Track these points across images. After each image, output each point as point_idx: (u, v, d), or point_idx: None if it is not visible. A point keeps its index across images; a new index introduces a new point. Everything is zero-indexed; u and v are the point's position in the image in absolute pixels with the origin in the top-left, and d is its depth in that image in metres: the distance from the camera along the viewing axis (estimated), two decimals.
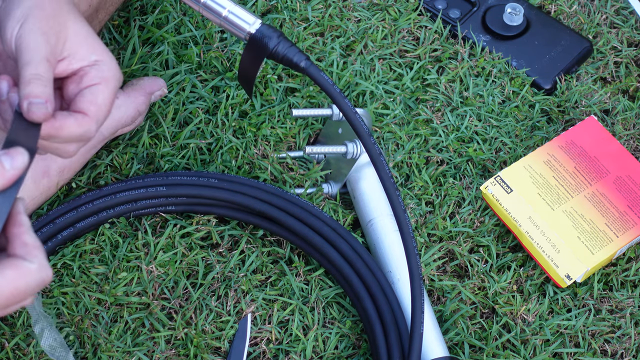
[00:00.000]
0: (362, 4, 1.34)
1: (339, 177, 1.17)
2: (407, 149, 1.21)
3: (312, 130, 1.22)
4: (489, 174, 1.21)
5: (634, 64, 1.31)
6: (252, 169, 1.17)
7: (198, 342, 1.06)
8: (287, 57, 0.93)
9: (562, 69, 1.28)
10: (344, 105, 0.93)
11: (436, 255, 1.14)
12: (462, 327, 1.09)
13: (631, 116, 1.25)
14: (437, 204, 1.17)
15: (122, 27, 1.26)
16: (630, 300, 1.12)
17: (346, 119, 0.94)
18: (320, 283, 1.12)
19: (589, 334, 1.10)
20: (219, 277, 1.11)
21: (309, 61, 0.93)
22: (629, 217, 1.14)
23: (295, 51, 0.93)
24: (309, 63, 0.93)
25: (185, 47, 1.26)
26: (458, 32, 1.31)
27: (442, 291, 1.12)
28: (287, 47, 0.93)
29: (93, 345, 1.06)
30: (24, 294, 0.68)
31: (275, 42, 0.93)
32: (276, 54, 0.93)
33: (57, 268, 1.10)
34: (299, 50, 0.93)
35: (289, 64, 0.93)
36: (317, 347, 1.08)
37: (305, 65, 0.93)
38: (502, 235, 1.16)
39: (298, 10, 1.31)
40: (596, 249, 1.12)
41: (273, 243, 1.14)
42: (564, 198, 1.15)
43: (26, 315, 1.07)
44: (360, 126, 0.93)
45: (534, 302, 1.11)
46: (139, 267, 1.10)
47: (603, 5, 1.35)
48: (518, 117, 1.25)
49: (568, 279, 1.11)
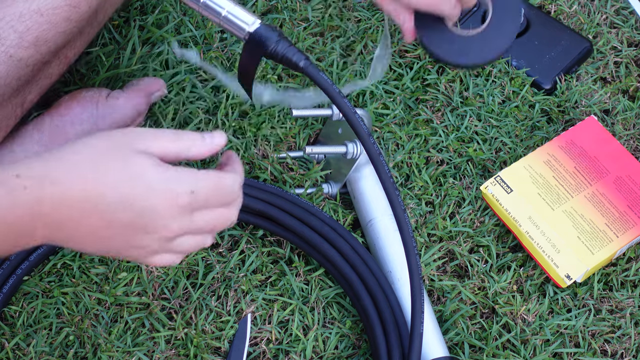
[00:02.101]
0: (362, 4, 1.34)
1: (339, 177, 1.17)
2: (407, 149, 1.21)
3: (312, 130, 1.22)
4: (489, 174, 1.21)
5: (634, 64, 1.31)
6: (252, 169, 1.17)
7: (198, 342, 1.06)
8: (286, 57, 0.93)
9: (562, 69, 1.28)
10: (343, 106, 0.93)
11: (436, 255, 1.14)
12: (462, 327, 1.09)
13: (631, 116, 1.25)
14: (437, 204, 1.17)
15: (122, 27, 1.26)
16: (630, 300, 1.12)
17: (345, 119, 0.94)
18: (320, 283, 1.12)
19: (589, 334, 1.10)
20: (219, 277, 1.11)
21: (308, 61, 0.93)
22: (629, 217, 1.14)
23: (294, 51, 0.93)
24: (307, 63, 0.93)
25: (185, 47, 1.26)
26: None
27: (442, 291, 1.12)
28: (286, 46, 0.93)
29: (93, 345, 1.06)
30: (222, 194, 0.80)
31: (274, 41, 0.93)
32: (275, 53, 0.93)
33: (57, 268, 1.10)
34: (298, 50, 0.93)
35: (288, 64, 0.93)
36: (317, 347, 1.08)
37: (304, 65, 0.93)
38: (502, 235, 1.16)
39: (298, 10, 1.31)
40: (596, 249, 1.12)
41: (273, 243, 1.14)
42: (564, 198, 1.15)
43: (26, 315, 1.07)
44: (359, 126, 0.93)
45: (534, 302, 1.11)
46: (139, 267, 1.10)
47: (603, 5, 1.35)
48: (518, 117, 1.25)
49: (568, 279, 1.11)
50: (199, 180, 0.78)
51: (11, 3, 1.02)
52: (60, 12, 1.03)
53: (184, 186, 0.77)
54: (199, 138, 0.80)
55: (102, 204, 0.76)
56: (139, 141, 0.77)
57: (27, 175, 0.74)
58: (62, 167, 0.76)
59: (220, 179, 0.80)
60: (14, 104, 1.06)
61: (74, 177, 0.75)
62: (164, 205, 0.77)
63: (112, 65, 1.23)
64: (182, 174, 0.77)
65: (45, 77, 1.08)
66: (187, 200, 0.77)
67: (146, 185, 0.76)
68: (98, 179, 0.75)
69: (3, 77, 1.01)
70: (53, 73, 1.08)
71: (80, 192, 0.75)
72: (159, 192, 0.76)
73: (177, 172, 0.77)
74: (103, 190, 0.76)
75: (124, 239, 0.78)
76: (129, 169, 0.76)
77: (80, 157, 0.76)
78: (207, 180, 0.79)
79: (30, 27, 1.02)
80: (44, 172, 0.75)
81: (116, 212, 0.76)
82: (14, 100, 1.05)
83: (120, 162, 0.76)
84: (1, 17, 1.01)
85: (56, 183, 0.75)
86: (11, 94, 1.04)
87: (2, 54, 1.01)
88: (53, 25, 1.03)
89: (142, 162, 0.76)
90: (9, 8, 1.02)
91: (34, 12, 1.02)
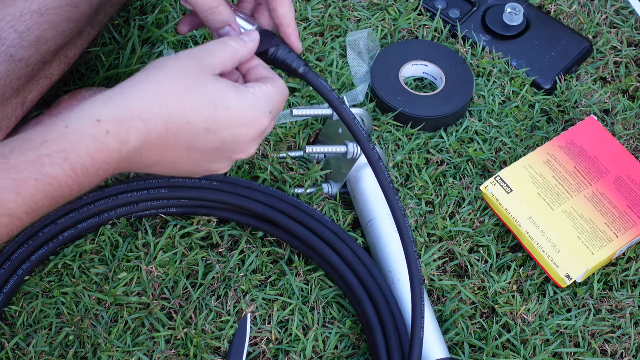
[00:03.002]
0: (362, 4, 1.34)
1: (339, 177, 1.17)
2: (407, 150, 1.21)
3: (312, 130, 1.22)
4: (489, 174, 1.21)
5: (634, 64, 1.31)
6: (252, 169, 1.17)
7: (198, 342, 1.06)
8: (286, 63, 0.93)
9: (562, 69, 1.29)
10: (343, 112, 0.93)
11: (436, 255, 1.14)
12: (462, 327, 1.09)
13: (631, 116, 1.25)
14: (437, 204, 1.17)
15: (122, 27, 1.26)
16: (630, 300, 1.12)
17: (345, 125, 0.94)
18: (320, 283, 1.12)
19: (589, 334, 1.10)
20: (219, 277, 1.11)
21: (308, 67, 0.93)
22: (629, 217, 1.14)
23: (294, 57, 0.93)
24: (307, 69, 0.93)
25: (185, 47, 1.26)
26: (458, 32, 1.31)
27: (442, 291, 1.12)
28: (286, 52, 0.93)
29: (93, 345, 1.06)
30: (285, 100, 0.87)
31: (274, 47, 0.93)
32: (275, 59, 0.93)
33: (58, 268, 1.10)
34: (298, 56, 0.93)
35: (287, 70, 0.93)
36: (317, 347, 1.08)
37: (304, 71, 0.93)
38: (502, 235, 1.16)
39: (298, 10, 1.31)
40: (596, 249, 1.12)
41: (273, 243, 1.14)
42: (564, 198, 1.15)
43: (26, 315, 1.07)
44: (359, 132, 0.93)
45: (534, 302, 1.11)
46: (139, 267, 1.10)
47: (603, 5, 1.35)
48: (518, 117, 1.25)
49: (568, 279, 1.11)
50: (272, 100, 0.85)
51: (11, 3, 1.02)
52: (60, 12, 1.03)
53: (263, 111, 0.84)
54: (240, 39, 0.87)
55: (188, 132, 0.79)
56: (206, 65, 0.82)
57: (107, 119, 0.76)
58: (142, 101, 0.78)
59: (282, 89, 0.86)
60: (15, 104, 1.06)
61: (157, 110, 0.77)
62: (248, 132, 0.83)
63: (112, 65, 1.23)
64: (259, 97, 0.83)
65: (46, 77, 1.08)
66: (268, 122, 0.84)
67: (230, 114, 0.81)
68: (183, 109, 0.78)
69: (4, 77, 1.01)
70: (54, 73, 1.08)
71: (164, 123, 0.78)
72: (244, 121, 0.82)
73: (255, 97, 0.83)
74: (188, 119, 0.79)
75: (203, 161, 0.83)
76: (211, 96, 0.80)
77: (157, 86, 0.78)
78: (277, 96, 0.85)
79: (30, 27, 1.02)
80: (124, 113, 0.76)
81: (202, 140, 0.80)
82: (15, 101, 1.05)
83: (202, 89, 0.80)
84: (2, 17, 1.01)
85: (140, 120, 0.77)
86: (12, 94, 1.04)
87: (3, 54, 1.01)
88: (54, 25, 1.03)
89: (222, 89, 0.81)
90: (10, 8, 1.02)
91: (34, 13, 1.02)
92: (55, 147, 0.75)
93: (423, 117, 1.22)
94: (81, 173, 0.76)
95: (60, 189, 0.76)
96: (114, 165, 0.77)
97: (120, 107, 0.77)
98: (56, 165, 0.75)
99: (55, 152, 0.75)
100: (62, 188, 0.76)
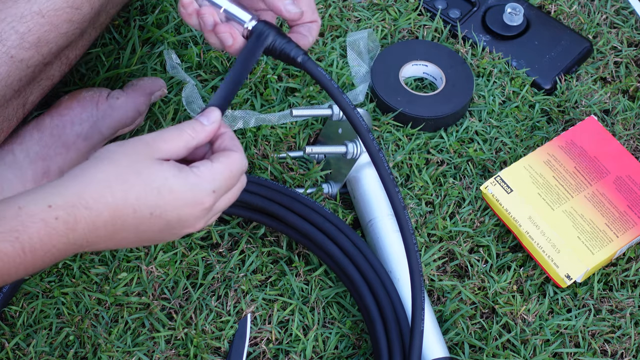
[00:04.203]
0: (362, 4, 1.34)
1: (339, 177, 1.17)
2: (407, 150, 1.21)
3: (312, 130, 1.22)
4: (489, 174, 1.21)
5: (634, 64, 1.31)
6: (252, 169, 1.17)
7: (198, 342, 1.06)
8: (284, 52, 0.93)
9: (562, 69, 1.29)
10: (342, 101, 0.92)
11: (436, 255, 1.14)
12: (462, 327, 1.09)
13: (631, 116, 1.25)
14: (437, 204, 1.18)
15: (122, 27, 1.26)
16: (630, 300, 1.12)
17: (344, 115, 0.93)
18: (320, 283, 1.12)
19: (589, 334, 1.10)
20: (219, 277, 1.11)
21: (306, 56, 0.93)
22: (629, 217, 1.14)
23: (292, 46, 0.93)
24: (306, 58, 0.93)
25: (185, 47, 1.26)
26: (458, 32, 1.31)
27: (442, 291, 1.12)
28: (284, 42, 0.93)
29: (93, 345, 1.06)
30: (236, 176, 0.86)
31: (272, 37, 0.93)
32: (274, 49, 0.93)
33: (58, 268, 1.10)
34: (296, 45, 0.93)
35: (286, 59, 0.93)
36: (317, 347, 1.08)
37: (302, 60, 0.93)
38: (502, 235, 1.16)
39: None
40: (596, 249, 1.12)
41: (273, 243, 1.14)
42: (564, 198, 1.15)
43: (26, 315, 1.07)
44: (358, 122, 0.93)
45: (534, 302, 1.11)
46: (138, 267, 1.10)
47: (603, 5, 1.35)
48: (518, 117, 1.25)
49: (568, 279, 1.11)
50: (216, 178, 0.84)
51: (12, 4, 1.02)
52: (61, 13, 1.03)
53: (206, 190, 0.83)
54: (198, 125, 0.86)
55: (134, 219, 0.81)
56: (154, 150, 0.83)
57: (58, 205, 0.79)
58: (92, 190, 0.80)
59: (232, 165, 0.85)
60: (16, 105, 1.06)
61: (104, 200, 0.80)
62: (191, 212, 0.83)
63: (112, 65, 1.23)
64: (201, 176, 0.83)
65: (47, 78, 1.08)
66: (211, 201, 0.84)
67: (173, 197, 0.82)
68: (128, 197, 0.80)
69: (4, 78, 1.01)
70: (54, 74, 1.08)
71: (110, 212, 0.80)
72: (186, 201, 0.83)
73: (197, 177, 0.83)
74: (134, 208, 0.81)
75: (150, 239, 0.85)
76: (153, 181, 0.81)
77: (104, 175, 0.80)
78: (222, 174, 0.84)
79: (31, 28, 1.02)
80: (73, 201, 0.79)
81: (147, 223, 0.82)
82: (16, 102, 1.05)
83: (145, 175, 0.81)
84: (2, 18, 1.01)
85: (86, 209, 0.79)
86: (12, 95, 1.04)
87: (4, 55, 1.01)
88: (54, 26, 1.03)
89: (164, 172, 0.82)
90: (10, 9, 1.01)
91: (35, 14, 1.02)
92: (9, 226, 0.78)
93: (423, 117, 1.22)
94: (29, 253, 0.78)
95: (8, 266, 0.78)
96: (62, 249, 0.80)
97: (70, 194, 0.79)
98: (7, 242, 0.77)
99: (8, 230, 0.78)
100: (10, 266, 0.78)
